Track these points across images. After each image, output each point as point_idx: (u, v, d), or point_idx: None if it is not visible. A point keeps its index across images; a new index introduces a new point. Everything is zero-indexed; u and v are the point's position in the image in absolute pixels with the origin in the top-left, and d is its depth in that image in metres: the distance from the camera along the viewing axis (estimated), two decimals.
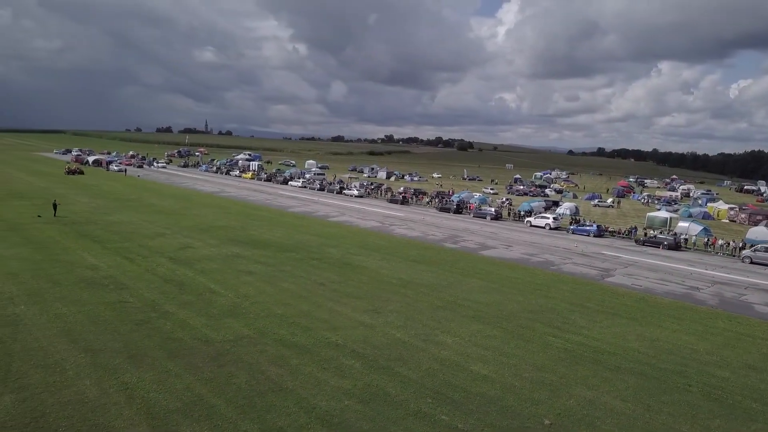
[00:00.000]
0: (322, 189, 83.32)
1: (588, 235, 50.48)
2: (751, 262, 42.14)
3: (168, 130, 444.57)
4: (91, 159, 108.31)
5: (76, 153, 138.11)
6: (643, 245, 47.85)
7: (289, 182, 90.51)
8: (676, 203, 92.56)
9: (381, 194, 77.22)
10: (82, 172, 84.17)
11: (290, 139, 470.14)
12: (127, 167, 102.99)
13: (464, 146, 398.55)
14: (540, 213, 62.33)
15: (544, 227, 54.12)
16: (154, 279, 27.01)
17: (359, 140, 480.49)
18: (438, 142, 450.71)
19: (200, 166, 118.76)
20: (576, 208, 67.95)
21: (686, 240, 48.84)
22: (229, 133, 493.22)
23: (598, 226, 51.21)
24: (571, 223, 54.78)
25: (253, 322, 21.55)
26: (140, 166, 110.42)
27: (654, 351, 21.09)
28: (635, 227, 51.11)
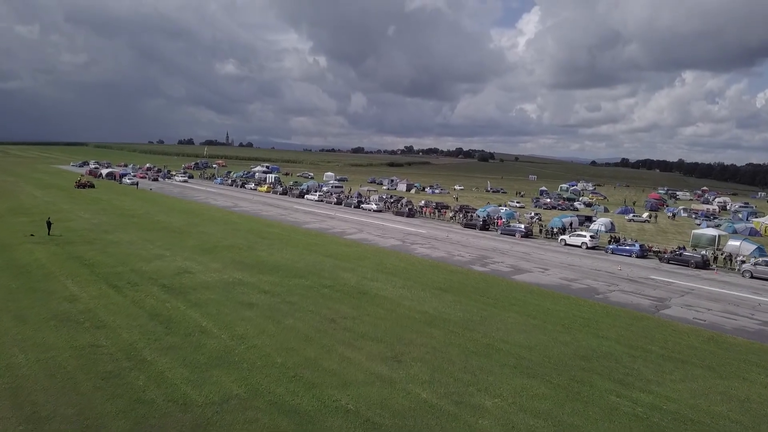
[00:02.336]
0: (339, 203, 79.57)
1: (630, 256, 45.65)
2: (752, 277, 39.59)
3: (190, 142, 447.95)
4: (104, 172, 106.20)
5: (93, 166, 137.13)
6: (668, 263, 43.18)
7: (306, 196, 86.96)
8: (715, 217, 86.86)
9: (400, 208, 72.96)
10: (92, 186, 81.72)
11: (311, 150, 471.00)
12: (141, 180, 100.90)
13: (485, 157, 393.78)
14: (575, 230, 57.74)
15: (580, 246, 49.43)
16: (140, 314, 23.29)
17: (379, 152, 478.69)
18: (458, 153, 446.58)
19: (215, 178, 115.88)
20: (611, 224, 63.13)
21: (730, 259, 43.80)
22: (250, 144, 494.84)
23: (640, 246, 46.27)
24: (609, 242, 49.95)
25: (246, 375, 17.62)
26: (155, 179, 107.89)
27: (751, 419, 16.61)
28: (683, 247, 46.08)
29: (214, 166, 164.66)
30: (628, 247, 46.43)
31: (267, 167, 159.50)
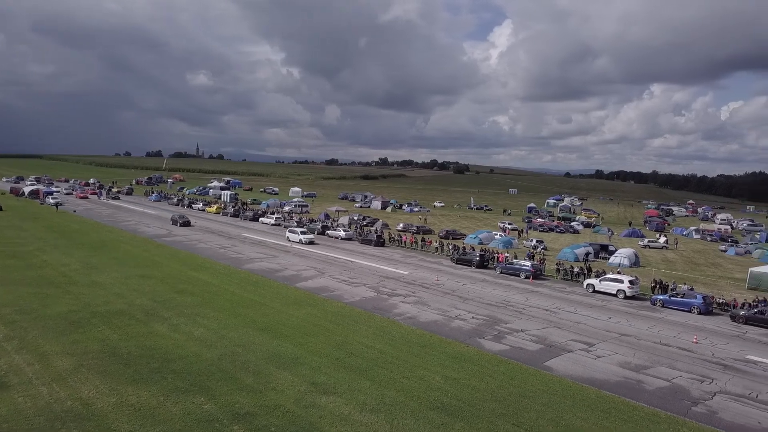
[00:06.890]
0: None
1: (689, 311, 33.41)
2: None
3: (158, 154, 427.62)
4: (27, 190, 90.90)
5: (30, 182, 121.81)
6: (746, 323, 31.05)
7: (261, 218, 73.08)
8: (735, 240, 76.03)
9: (367, 235, 59.75)
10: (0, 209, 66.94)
11: (283, 162, 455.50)
12: (82, 200, 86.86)
13: (460, 169, 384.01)
14: (591, 262, 45.58)
15: (615, 295, 37.01)
16: None
17: (353, 163, 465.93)
18: (433, 164, 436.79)
19: (150, 195, 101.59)
20: (635, 255, 51.22)
21: None
22: (220, 156, 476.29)
23: (704, 297, 33.89)
24: (654, 288, 37.64)
25: None
26: (115, 198, 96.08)
27: None
28: (764, 300, 33.84)
29: (169, 180, 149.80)
30: (685, 299, 34.04)
31: (228, 182, 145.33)
